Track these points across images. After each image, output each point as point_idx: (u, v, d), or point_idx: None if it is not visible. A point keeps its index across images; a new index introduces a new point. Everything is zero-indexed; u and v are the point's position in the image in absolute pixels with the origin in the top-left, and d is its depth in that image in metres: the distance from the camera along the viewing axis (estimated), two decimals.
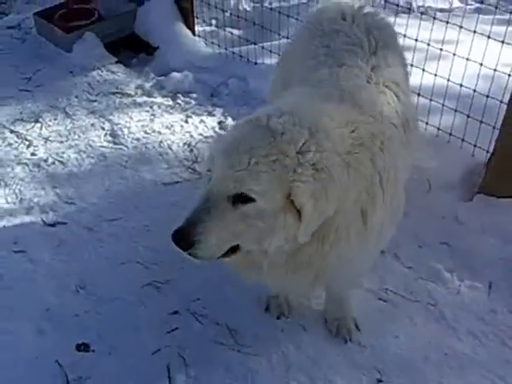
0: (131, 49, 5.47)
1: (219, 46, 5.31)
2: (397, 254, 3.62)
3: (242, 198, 2.15)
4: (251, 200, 2.15)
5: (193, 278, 3.39)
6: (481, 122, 3.95)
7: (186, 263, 3.34)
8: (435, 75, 4.22)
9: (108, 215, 3.77)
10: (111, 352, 3.03)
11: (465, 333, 3.20)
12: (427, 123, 4.26)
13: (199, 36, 5.50)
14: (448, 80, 4.15)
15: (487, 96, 3.91)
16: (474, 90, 4.01)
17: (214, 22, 5.61)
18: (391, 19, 4.28)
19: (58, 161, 4.20)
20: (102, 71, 5.10)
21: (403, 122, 2.69)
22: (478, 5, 6.12)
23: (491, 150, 3.83)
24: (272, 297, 3.25)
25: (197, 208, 2.20)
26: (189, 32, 5.41)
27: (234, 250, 2.30)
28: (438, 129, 4.20)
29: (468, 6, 6.14)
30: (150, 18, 5.38)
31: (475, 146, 4.00)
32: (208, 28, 5.56)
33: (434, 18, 4.26)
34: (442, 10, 5.87)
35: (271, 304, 3.24)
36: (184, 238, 2.20)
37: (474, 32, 3.95)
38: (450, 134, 4.13)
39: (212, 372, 2.97)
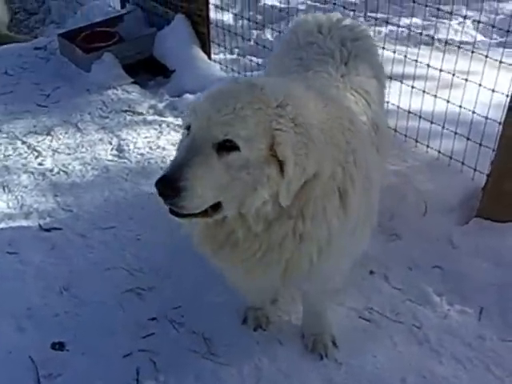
0: (149, 72, 5.58)
1: (233, 70, 5.40)
2: (386, 274, 3.58)
3: (226, 147, 2.14)
4: (236, 149, 2.14)
5: (176, 286, 3.42)
6: (480, 144, 3.91)
7: (172, 271, 3.45)
8: (447, 101, 4.22)
9: (102, 223, 3.83)
10: (85, 352, 3.06)
11: (448, 357, 3.12)
12: (428, 146, 4.24)
13: (215, 61, 5.60)
14: (460, 107, 4.15)
15: (486, 118, 3.87)
16: (486, 118, 3.96)
17: (227, 46, 5.69)
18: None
19: (63, 171, 4.31)
20: (118, 90, 5.22)
21: (372, 123, 2.69)
22: (501, 39, 6.10)
23: None
24: (250, 308, 3.23)
25: (182, 156, 2.13)
26: (205, 56, 5.51)
27: (215, 208, 2.23)
28: (439, 152, 4.17)
29: (492, 40, 6.09)
30: (168, 42, 5.51)
31: (475, 169, 3.95)
32: (223, 54, 5.66)
33: (459, 48, 4.24)
34: (464, 43, 5.80)
35: (249, 316, 3.22)
36: (170, 185, 2.09)
37: (501, 62, 3.89)
38: (451, 158, 4.09)
39: (182, 379, 2.96)
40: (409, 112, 4.34)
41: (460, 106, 4.13)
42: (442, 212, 3.90)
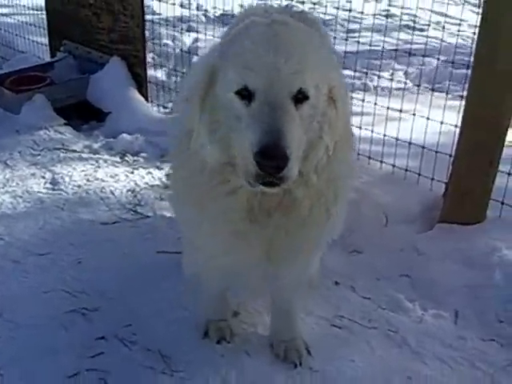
0: (82, 116, 5.33)
1: (172, 109, 5.21)
2: (352, 285, 3.37)
3: (299, 99, 1.94)
4: (307, 98, 1.96)
5: (124, 307, 3.08)
6: (436, 152, 3.82)
7: (118, 293, 3.10)
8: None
9: (38, 250, 3.47)
10: (22, 376, 2.63)
11: (431, 357, 2.89)
12: (381, 162, 4.12)
13: (152, 102, 5.41)
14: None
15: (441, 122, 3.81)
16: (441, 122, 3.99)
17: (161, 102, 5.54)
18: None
19: None
20: (50, 131, 4.92)
21: None
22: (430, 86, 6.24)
23: None
24: (211, 320, 2.90)
25: (272, 119, 1.86)
26: (142, 98, 5.31)
27: None
28: (393, 166, 4.05)
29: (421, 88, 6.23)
30: (102, 84, 5.31)
31: (432, 179, 3.85)
32: (162, 96, 5.49)
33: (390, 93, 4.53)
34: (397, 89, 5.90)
35: (210, 328, 2.88)
36: (281, 154, 1.82)
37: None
38: (406, 170, 3.98)
39: None
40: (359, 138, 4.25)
41: (409, 143, 4.16)
42: (403, 222, 3.76)
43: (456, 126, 3.59)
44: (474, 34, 3.47)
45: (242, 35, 2.03)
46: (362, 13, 5.00)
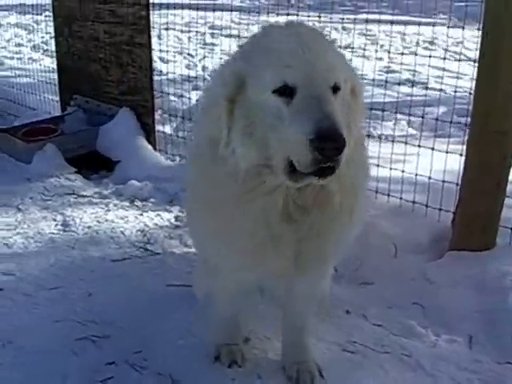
0: (92, 167, 5.41)
1: (180, 156, 5.31)
2: (364, 314, 3.34)
3: (335, 90, 2.05)
4: (338, 89, 2.07)
5: (134, 334, 3.06)
6: (443, 181, 3.85)
7: (128, 322, 3.09)
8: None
9: (48, 284, 3.48)
10: None
11: (446, 380, 2.83)
12: (389, 195, 4.15)
13: (160, 150, 5.50)
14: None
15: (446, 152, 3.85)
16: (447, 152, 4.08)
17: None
18: None
19: (4, 244, 3.96)
20: (60, 178, 5.01)
21: None
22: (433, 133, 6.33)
23: None
24: (222, 345, 2.87)
25: (321, 105, 1.94)
26: (150, 146, 5.41)
27: None
28: (400, 199, 4.08)
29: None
30: (112, 135, 5.42)
31: (440, 209, 3.85)
32: (169, 145, 5.58)
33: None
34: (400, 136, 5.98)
35: (222, 351, 2.85)
36: (340, 135, 1.89)
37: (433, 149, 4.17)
38: (413, 203, 4.00)
39: None
40: None
41: (416, 174, 4.24)
42: (412, 252, 3.76)
43: (461, 154, 3.62)
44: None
45: (267, 40, 2.13)
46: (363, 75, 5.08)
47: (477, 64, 3.39)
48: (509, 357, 2.97)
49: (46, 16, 10.64)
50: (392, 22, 5.12)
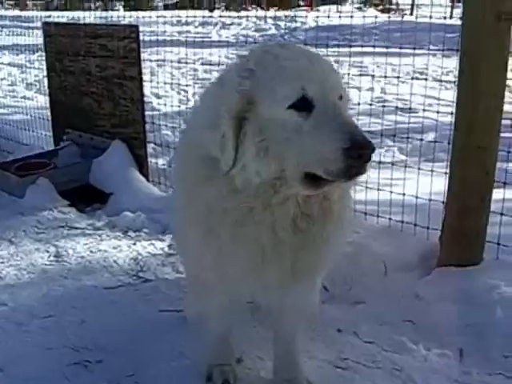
0: (85, 200, 5.46)
1: (173, 187, 5.35)
2: (355, 332, 3.36)
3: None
4: (340, 100, 2.18)
5: (126, 359, 3.07)
6: (430, 200, 3.91)
7: (121, 348, 3.10)
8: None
9: (41, 313, 3.50)
10: None
11: None
12: (378, 216, 4.20)
13: (153, 181, 5.57)
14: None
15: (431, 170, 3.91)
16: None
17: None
18: None
19: None
20: (53, 211, 5.04)
21: None
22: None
23: None
24: (215, 364, 2.89)
25: (341, 114, 2.06)
26: (143, 178, 5.47)
27: None
28: (390, 219, 4.12)
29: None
30: (104, 167, 5.48)
31: (428, 228, 3.90)
32: (162, 177, 5.64)
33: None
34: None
35: (214, 372, 2.87)
36: (370, 140, 1.99)
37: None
38: (402, 222, 4.05)
39: None
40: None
41: (403, 194, 4.30)
42: (402, 271, 3.79)
43: (446, 173, 3.68)
44: None
45: (274, 58, 2.16)
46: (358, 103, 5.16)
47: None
48: (499, 368, 2.99)
49: (38, 56, 10.83)
50: (386, 54, 5.22)
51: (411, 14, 21.71)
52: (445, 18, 5.14)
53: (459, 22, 3.46)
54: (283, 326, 2.82)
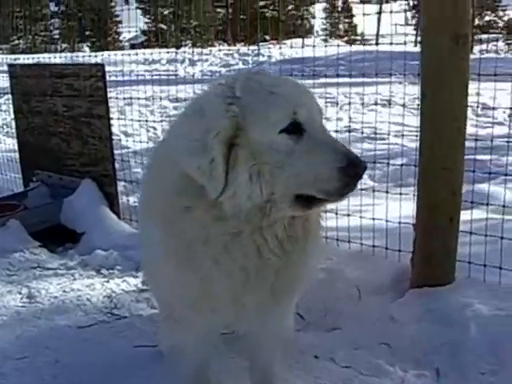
0: (57, 240, 5.43)
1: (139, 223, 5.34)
2: (332, 357, 3.37)
3: None
4: None
5: None
6: (399, 223, 3.96)
7: (95, 382, 3.07)
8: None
9: (15, 355, 3.43)
10: None
11: None
12: (349, 241, 4.24)
13: (124, 218, 5.56)
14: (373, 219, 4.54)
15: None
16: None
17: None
18: None
19: None
20: (25, 253, 5.00)
21: None
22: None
23: None
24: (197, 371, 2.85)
25: (330, 136, 2.19)
26: (114, 215, 5.46)
27: None
28: (361, 244, 4.17)
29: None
30: (76, 207, 5.46)
31: (399, 250, 3.95)
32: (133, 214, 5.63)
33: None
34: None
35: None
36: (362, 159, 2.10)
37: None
38: (374, 246, 4.10)
39: None
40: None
41: (373, 219, 4.39)
42: (375, 294, 3.83)
43: (414, 195, 3.73)
44: None
45: (257, 84, 2.20)
46: None
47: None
48: None
49: (5, 99, 10.83)
50: (350, 85, 5.32)
51: (376, 44, 22.17)
52: (405, 43, 5.19)
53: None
54: (260, 353, 2.82)
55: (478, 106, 7.10)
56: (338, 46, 7.53)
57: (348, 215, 4.40)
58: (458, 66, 3.31)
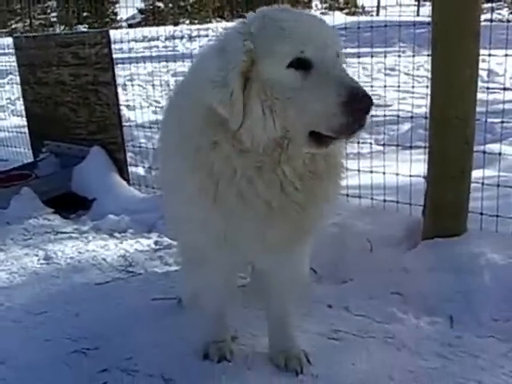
0: (69, 207, 5.48)
1: (154, 188, 5.41)
2: (345, 306, 3.44)
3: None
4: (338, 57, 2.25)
5: (123, 344, 3.12)
6: (410, 176, 4.00)
7: (116, 335, 3.14)
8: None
9: (36, 310, 3.53)
10: None
11: (431, 354, 2.94)
12: (360, 197, 4.28)
13: (134, 184, 5.62)
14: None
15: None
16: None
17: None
18: None
19: None
20: (39, 219, 5.07)
21: None
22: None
23: None
24: (211, 342, 2.94)
25: (340, 69, 2.18)
26: (123, 181, 5.51)
27: None
28: (372, 199, 4.21)
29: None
30: (85, 174, 5.52)
31: (410, 204, 3.98)
32: (142, 178, 5.69)
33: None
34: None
35: (210, 349, 2.91)
36: (367, 93, 2.08)
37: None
38: (384, 201, 4.13)
39: None
40: None
41: (383, 173, 4.40)
42: (388, 246, 3.85)
43: (425, 147, 3.76)
44: None
45: (271, 21, 2.24)
46: None
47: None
48: (489, 332, 3.08)
49: (9, 80, 10.84)
50: (359, 56, 5.32)
51: (377, 14, 22.05)
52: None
53: (427, 20, 3.56)
54: (276, 300, 2.87)
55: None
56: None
57: (358, 171, 4.42)
58: (470, 12, 3.32)
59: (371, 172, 4.41)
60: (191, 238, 2.65)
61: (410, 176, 4.09)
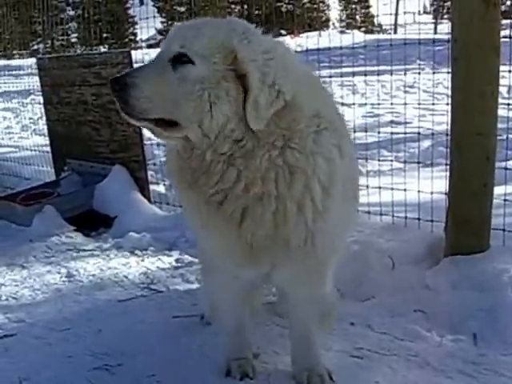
0: (91, 225, 5.54)
1: (174, 206, 5.44)
2: (368, 324, 3.42)
3: (181, 61, 2.26)
4: (190, 62, 2.24)
5: (146, 361, 3.11)
6: (432, 193, 3.99)
7: (139, 352, 3.15)
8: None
9: (59, 327, 3.55)
10: None
11: (455, 372, 2.91)
12: (381, 214, 4.28)
13: (155, 202, 5.66)
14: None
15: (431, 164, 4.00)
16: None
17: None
18: None
19: (12, 297, 4.05)
20: (61, 237, 5.13)
21: None
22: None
23: None
24: (233, 359, 2.93)
25: (140, 66, 2.38)
26: (145, 199, 5.55)
27: (171, 124, 2.31)
28: (393, 216, 4.20)
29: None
30: (107, 192, 5.57)
31: (432, 221, 3.98)
32: (163, 196, 5.73)
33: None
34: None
35: (232, 366, 2.90)
36: (119, 79, 2.24)
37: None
38: (406, 218, 4.13)
39: None
40: None
41: (405, 190, 4.39)
42: (410, 264, 3.85)
43: (446, 164, 3.76)
44: None
45: None
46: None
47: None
48: None
49: (31, 99, 11.00)
50: (378, 73, 5.33)
51: (395, 32, 22.09)
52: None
53: (445, 37, 3.57)
54: (296, 319, 2.87)
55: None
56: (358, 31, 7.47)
57: (379, 188, 4.42)
58: (490, 29, 3.34)
59: (392, 189, 4.39)
60: (202, 245, 2.76)
61: (432, 193, 4.07)
